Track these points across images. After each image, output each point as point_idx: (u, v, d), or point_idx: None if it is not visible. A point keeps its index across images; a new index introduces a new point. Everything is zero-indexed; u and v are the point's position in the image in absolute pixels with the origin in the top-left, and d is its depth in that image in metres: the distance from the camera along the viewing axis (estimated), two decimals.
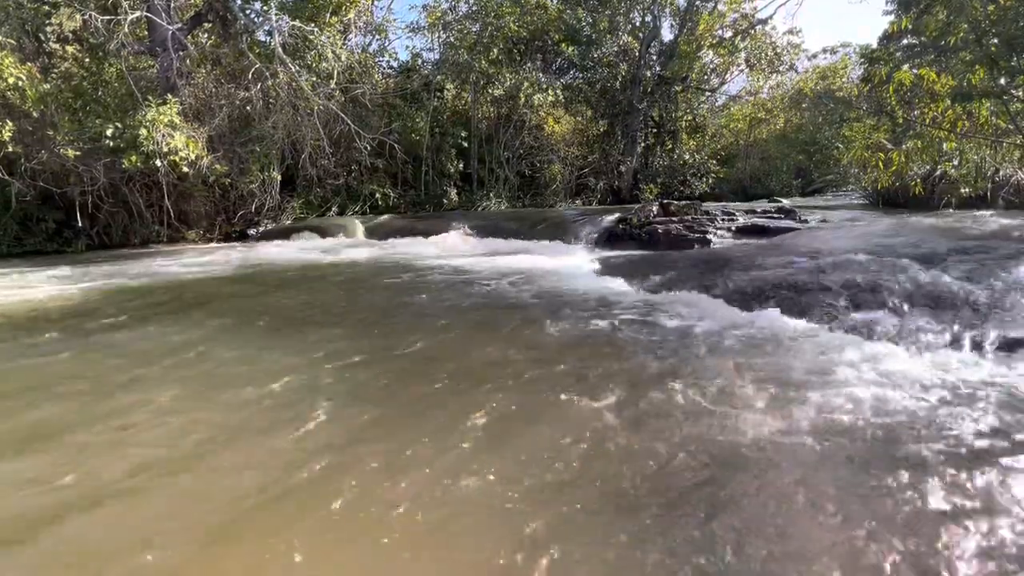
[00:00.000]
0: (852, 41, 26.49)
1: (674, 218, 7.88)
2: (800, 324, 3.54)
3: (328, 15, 11.49)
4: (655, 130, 19.34)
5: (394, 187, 14.23)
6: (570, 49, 16.39)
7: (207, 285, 5.91)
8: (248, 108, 11.07)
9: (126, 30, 9.29)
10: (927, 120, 7.26)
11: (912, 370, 2.76)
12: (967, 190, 8.94)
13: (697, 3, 17.07)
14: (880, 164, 8.11)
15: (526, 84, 14.34)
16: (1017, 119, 6.98)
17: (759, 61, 18.37)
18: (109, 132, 8.96)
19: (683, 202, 8.73)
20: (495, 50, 14.09)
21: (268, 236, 10.89)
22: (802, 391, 2.54)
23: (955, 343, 3.06)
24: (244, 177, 10.86)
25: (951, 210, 8.81)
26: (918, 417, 2.27)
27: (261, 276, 6.46)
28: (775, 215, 8.26)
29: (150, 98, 9.31)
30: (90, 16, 9.22)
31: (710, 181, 19.35)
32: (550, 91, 14.71)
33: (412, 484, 1.89)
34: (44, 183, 8.98)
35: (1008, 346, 2.97)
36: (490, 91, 14.43)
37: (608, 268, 5.80)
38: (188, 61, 10.70)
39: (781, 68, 18.75)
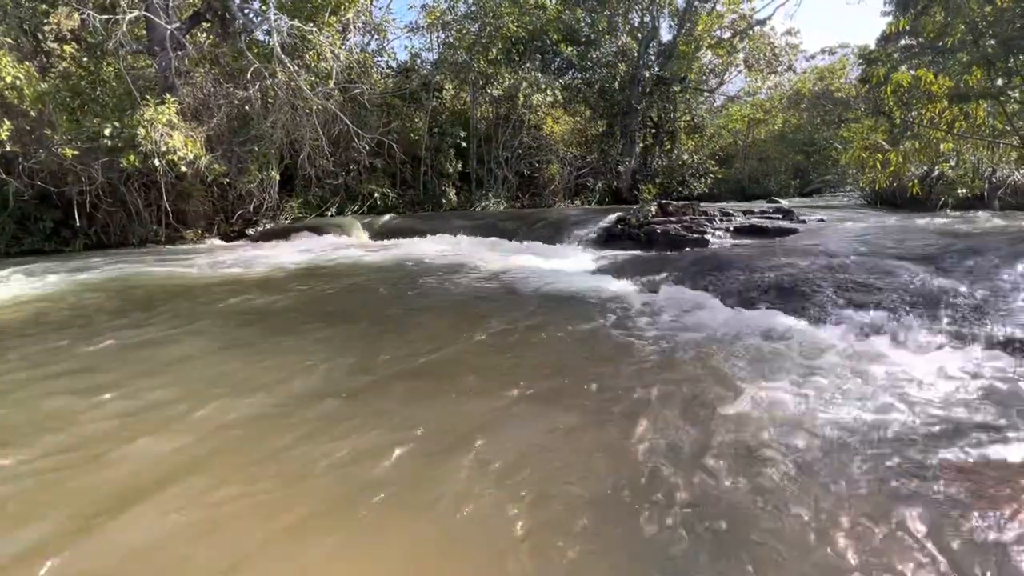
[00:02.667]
0: (851, 42, 26.52)
1: (672, 218, 7.88)
2: (797, 324, 3.55)
3: (327, 15, 11.48)
4: (654, 130, 19.35)
5: (393, 187, 14.23)
6: (569, 49, 16.38)
7: (204, 285, 5.90)
8: (247, 107, 11.07)
9: (124, 29, 9.28)
10: (924, 121, 7.28)
11: (910, 370, 2.77)
12: (964, 191, 8.96)
13: (696, 4, 17.08)
14: (878, 165, 8.12)
15: (525, 84, 14.34)
16: (1014, 120, 7.00)
17: (757, 62, 18.41)
18: (107, 131, 8.95)
19: (681, 202, 8.73)
20: (494, 50, 14.08)
21: (266, 236, 10.88)
22: (798, 391, 2.55)
23: (952, 342, 3.07)
24: (242, 177, 10.85)
25: (948, 211, 8.83)
26: (916, 416, 2.28)
27: (259, 276, 6.46)
28: (773, 215, 8.27)
29: (148, 97, 9.30)
30: (88, 15, 9.21)
31: (708, 181, 19.36)
32: (549, 91, 14.71)
33: (406, 481, 1.90)
34: (42, 182, 8.97)
35: (1005, 345, 2.98)
36: (489, 91, 14.44)
37: (606, 268, 5.80)
38: (186, 60, 10.70)
39: (779, 69, 18.78)
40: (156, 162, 9.18)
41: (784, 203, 11.78)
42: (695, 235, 7.10)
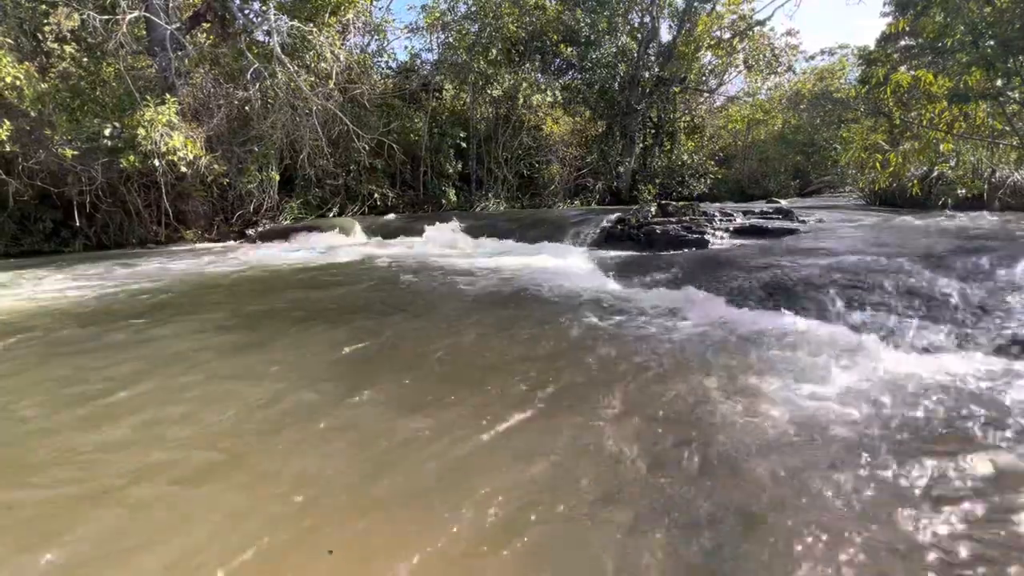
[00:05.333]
0: (850, 43, 26.60)
1: (672, 219, 7.89)
2: (796, 324, 3.55)
3: (327, 15, 11.49)
4: (653, 131, 19.38)
5: (392, 187, 14.23)
6: (568, 50, 16.41)
7: (203, 286, 5.91)
8: (246, 108, 11.07)
9: (124, 30, 9.28)
10: (924, 121, 7.29)
11: (909, 370, 2.77)
12: (964, 191, 8.97)
13: (695, 4, 17.10)
14: (878, 165, 8.15)
15: (525, 85, 14.35)
16: (1013, 121, 7.01)
17: (757, 62, 18.44)
18: (107, 132, 8.96)
19: (681, 203, 8.73)
20: (494, 51, 14.10)
21: (266, 236, 10.87)
22: (797, 392, 2.55)
23: (952, 342, 3.08)
24: (242, 177, 10.86)
25: (948, 211, 8.84)
26: (915, 418, 2.28)
27: (258, 277, 6.46)
28: (773, 216, 8.27)
29: (148, 98, 9.31)
30: (88, 15, 9.21)
31: (708, 182, 19.41)
32: (549, 92, 14.73)
33: (403, 479, 1.90)
34: (42, 183, 8.97)
35: (1005, 346, 2.98)
36: (489, 91, 14.45)
37: (605, 269, 5.81)
38: (186, 61, 10.70)
39: (779, 69, 18.81)
40: (156, 162, 9.19)
41: (784, 203, 11.80)
42: (695, 235, 7.10)
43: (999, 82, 6.50)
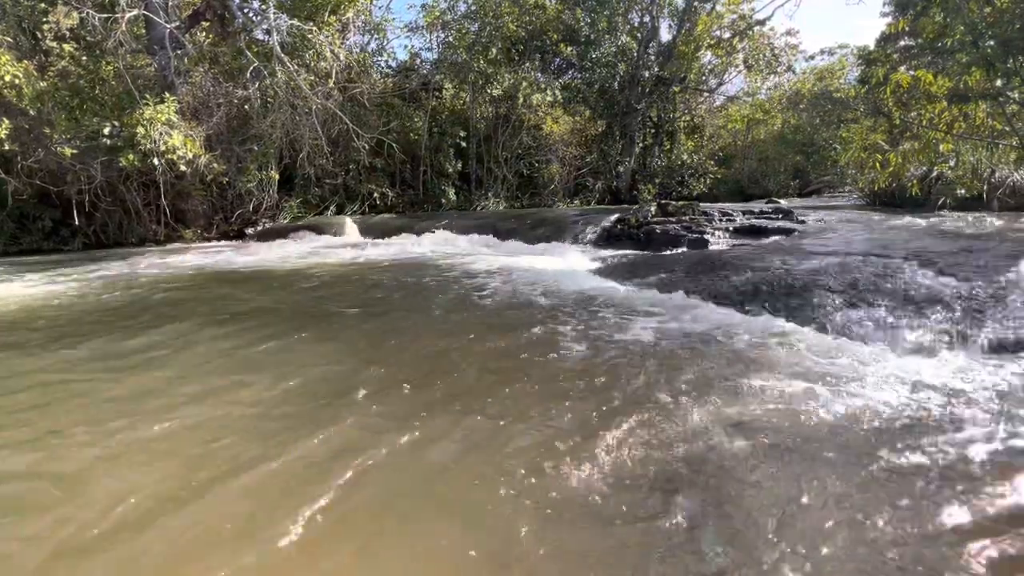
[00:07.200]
0: (850, 43, 26.57)
1: (672, 219, 7.89)
2: (795, 326, 3.55)
3: (326, 14, 11.48)
4: (653, 130, 19.36)
5: (392, 187, 14.23)
6: (568, 49, 16.40)
7: (203, 285, 5.90)
8: (246, 107, 11.06)
9: (123, 28, 9.27)
10: (924, 121, 7.29)
11: (908, 372, 2.77)
12: (963, 191, 8.97)
13: (695, 4, 17.09)
14: (877, 165, 8.14)
15: (524, 84, 14.34)
16: (1013, 121, 7.01)
17: (757, 62, 18.42)
18: (106, 130, 8.96)
19: (681, 203, 8.73)
20: (493, 50, 14.09)
21: (265, 235, 10.87)
22: (794, 393, 2.55)
23: (952, 344, 3.08)
24: (242, 176, 10.85)
25: (947, 211, 8.84)
26: (914, 419, 2.28)
27: (257, 276, 6.46)
28: (772, 216, 8.27)
29: (147, 96, 9.29)
30: (87, 14, 9.20)
31: (708, 182, 19.41)
32: (548, 91, 14.72)
33: (395, 481, 1.90)
34: (41, 181, 8.96)
35: (1005, 347, 2.98)
36: (488, 91, 14.44)
37: (605, 269, 5.80)
38: (186, 60, 10.70)
39: (779, 69, 18.80)
40: (155, 161, 9.18)
41: (783, 203, 11.79)
42: (695, 235, 7.10)
43: (999, 82, 6.49)
